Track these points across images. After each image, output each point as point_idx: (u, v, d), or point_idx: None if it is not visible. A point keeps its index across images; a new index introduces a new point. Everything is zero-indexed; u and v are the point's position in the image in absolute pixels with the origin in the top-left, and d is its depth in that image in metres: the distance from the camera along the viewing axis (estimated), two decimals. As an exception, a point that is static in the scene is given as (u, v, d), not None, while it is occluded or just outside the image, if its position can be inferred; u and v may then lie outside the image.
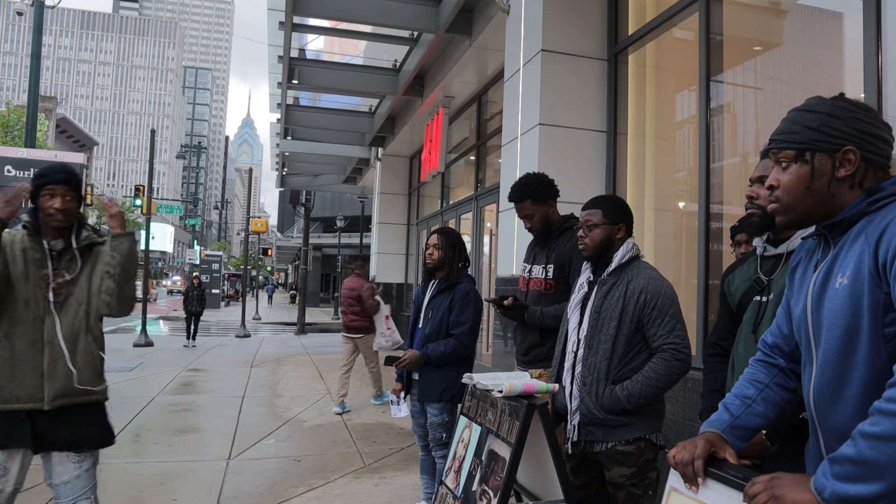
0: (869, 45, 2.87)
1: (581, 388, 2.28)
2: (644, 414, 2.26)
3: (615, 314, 2.26)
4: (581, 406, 2.28)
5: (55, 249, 2.38)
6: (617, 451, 2.24)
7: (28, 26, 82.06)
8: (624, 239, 2.38)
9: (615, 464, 2.25)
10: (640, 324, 2.25)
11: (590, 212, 2.40)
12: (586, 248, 2.39)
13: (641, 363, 2.25)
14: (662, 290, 2.26)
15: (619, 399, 2.21)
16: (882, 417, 1.03)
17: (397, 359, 3.42)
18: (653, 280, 2.28)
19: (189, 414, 6.48)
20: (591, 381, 2.26)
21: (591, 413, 2.25)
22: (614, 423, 2.23)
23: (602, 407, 2.23)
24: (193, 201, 37.29)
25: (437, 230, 3.57)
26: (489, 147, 8.47)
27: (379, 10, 6.95)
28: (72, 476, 2.33)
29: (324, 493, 4.10)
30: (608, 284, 2.32)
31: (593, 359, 2.27)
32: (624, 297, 2.26)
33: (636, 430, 2.25)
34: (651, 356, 2.26)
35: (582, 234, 2.40)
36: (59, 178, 2.33)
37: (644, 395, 2.19)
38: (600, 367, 2.25)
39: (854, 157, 1.24)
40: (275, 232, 52.00)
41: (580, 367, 2.30)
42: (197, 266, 31.03)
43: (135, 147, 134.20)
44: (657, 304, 2.23)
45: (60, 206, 2.32)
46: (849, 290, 1.19)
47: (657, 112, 4.90)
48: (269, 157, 16.85)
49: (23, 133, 17.49)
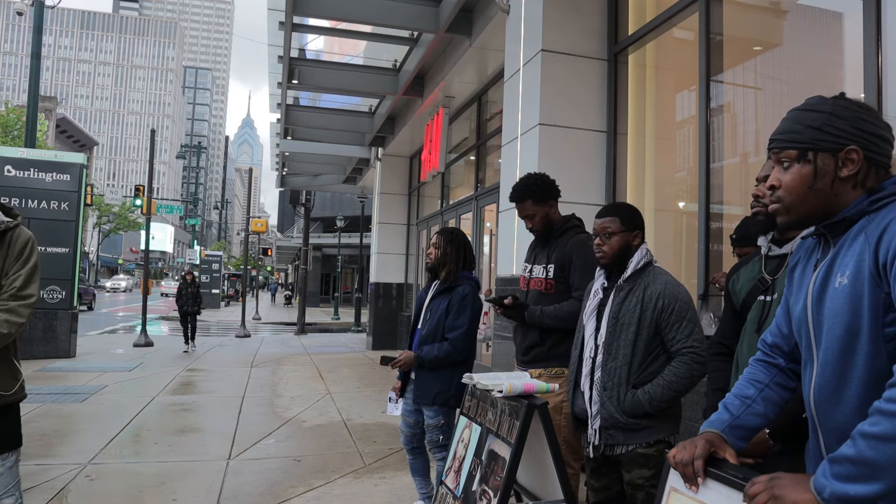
0: (869, 45, 2.87)
1: (601, 393, 2.30)
2: (663, 417, 2.29)
3: (633, 319, 2.28)
4: (602, 410, 2.30)
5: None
6: (638, 454, 2.27)
7: (28, 26, 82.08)
8: (639, 245, 2.39)
9: (636, 466, 2.28)
10: (658, 328, 2.28)
11: (607, 220, 2.40)
12: (604, 255, 2.39)
13: (660, 367, 2.28)
14: (680, 295, 2.29)
15: (641, 403, 2.23)
16: (882, 417, 1.03)
17: (393, 358, 3.42)
18: (669, 285, 2.30)
19: (189, 414, 6.48)
20: (612, 386, 2.28)
21: (612, 417, 2.27)
22: (635, 426, 2.26)
23: (624, 411, 2.26)
24: (193, 201, 37.32)
25: (439, 230, 3.57)
26: (489, 147, 8.47)
27: (379, 10, 6.95)
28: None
29: (324, 493, 4.10)
30: (625, 290, 2.34)
31: (613, 364, 2.29)
32: (642, 302, 2.28)
33: (656, 432, 2.28)
34: (668, 360, 2.29)
35: (599, 242, 2.39)
36: None
37: (665, 399, 2.23)
38: (620, 371, 2.28)
39: (857, 156, 1.24)
40: (275, 232, 52.00)
41: (599, 372, 2.32)
42: (197, 266, 31.01)
43: (135, 147, 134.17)
44: (675, 309, 2.26)
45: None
46: (849, 290, 1.19)
47: (657, 112, 4.90)
48: (269, 157, 16.84)
49: (23, 133, 17.50)
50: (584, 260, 2.93)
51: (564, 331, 2.91)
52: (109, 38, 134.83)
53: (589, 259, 2.95)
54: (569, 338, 2.92)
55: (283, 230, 47.82)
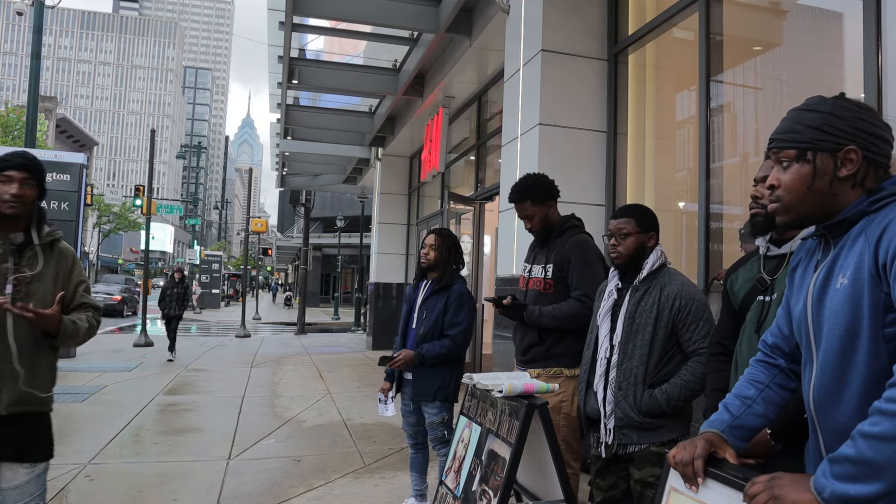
0: (869, 45, 2.87)
1: (616, 393, 2.31)
2: (676, 416, 2.31)
3: (650, 320, 2.29)
4: (616, 410, 2.30)
5: (14, 243, 2.22)
6: (651, 453, 2.28)
7: (28, 26, 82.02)
8: (654, 247, 2.40)
9: (648, 464, 2.29)
10: (674, 329, 2.29)
11: (622, 220, 2.40)
12: (619, 256, 2.39)
13: (675, 367, 2.30)
14: (696, 296, 2.31)
15: (658, 402, 2.25)
16: (882, 417, 1.03)
17: (391, 358, 3.43)
18: (686, 286, 2.32)
19: (189, 414, 6.48)
20: (628, 386, 2.29)
21: (627, 416, 2.28)
22: (650, 425, 2.27)
23: (640, 410, 2.27)
24: (193, 201, 37.30)
25: (433, 230, 3.59)
26: (489, 147, 8.46)
27: (379, 10, 6.95)
28: (22, 481, 2.19)
29: (324, 493, 4.10)
30: (641, 291, 2.34)
31: (629, 364, 2.30)
32: (658, 302, 2.29)
33: (670, 431, 2.29)
34: (683, 360, 2.30)
35: (615, 242, 2.39)
36: (18, 162, 2.18)
37: (683, 398, 2.25)
38: (637, 371, 2.28)
39: (856, 156, 1.24)
40: (275, 232, 52.00)
41: (615, 371, 2.32)
42: (197, 266, 30.97)
43: (135, 147, 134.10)
44: (692, 310, 2.28)
45: (17, 191, 2.16)
46: (849, 291, 1.19)
47: (657, 112, 4.90)
48: (269, 157, 16.83)
49: (23, 133, 17.48)
50: (583, 260, 2.93)
51: (563, 331, 2.92)
52: (109, 38, 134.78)
53: (588, 259, 2.96)
54: (568, 338, 2.92)
55: (283, 230, 47.82)
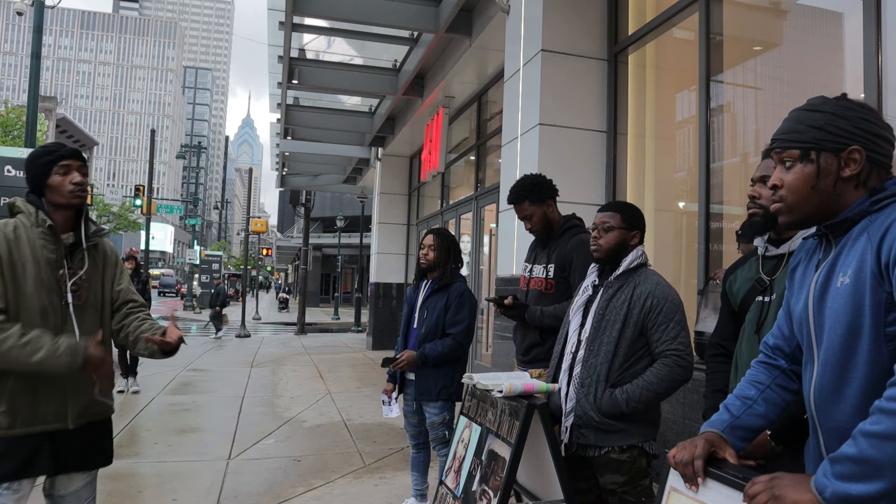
0: (869, 45, 2.87)
1: (578, 390, 2.26)
2: (639, 421, 2.23)
3: (619, 317, 2.23)
4: (577, 408, 2.25)
5: (66, 244, 2.06)
6: (610, 459, 2.22)
7: (28, 26, 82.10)
8: (636, 246, 2.37)
9: (608, 471, 2.24)
10: (644, 328, 2.23)
11: (607, 214, 2.38)
12: (599, 249, 2.35)
13: (642, 369, 2.23)
14: (669, 297, 2.24)
15: (617, 402, 2.18)
16: (883, 416, 1.03)
17: (394, 360, 3.42)
18: (660, 286, 2.26)
19: (189, 414, 6.48)
20: (590, 383, 2.24)
21: (586, 415, 2.22)
22: (609, 427, 2.20)
23: (599, 410, 2.20)
24: (193, 201, 37.20)
25: (432, 230, 3.59)
26: (489, 147, 8.46)
27: (379, 10, 6.95)
28: (78, 487, 2.14)
29: (324, 493, 4.10)
30: (614, 288, 2.30)
31: (594, 360, 2.25)
32: (630, 300, 2.24)
33: (630, 436, 2.22)
34: (652, 363, 2.23)
35: (596, 235, 2.36)
36: (71, 150, 2.02)
37: (643, 400, 2.16)
38: (601, 369, 2.23)
39: (859, 156, 1.24)
40: (275, 232, 51.99)
41: (579, 367, 2.28)
42: (197, 266, 30.89)
43: (135, 147, 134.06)
44: (663, 310, 2.21)
45: (80, 179, 2.01)
46: (851, 290, 1.19)
47: (657, 112, 4.90)
48: (269, 158, 16.84)
49: (23, 133, 17.48)
50: (585, 260, 2.93)
51: (564, 331, 2.92)
52: (109, 38, 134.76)
53: (590, 259, 2.96)
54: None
55: (283, 230, 47.80)
